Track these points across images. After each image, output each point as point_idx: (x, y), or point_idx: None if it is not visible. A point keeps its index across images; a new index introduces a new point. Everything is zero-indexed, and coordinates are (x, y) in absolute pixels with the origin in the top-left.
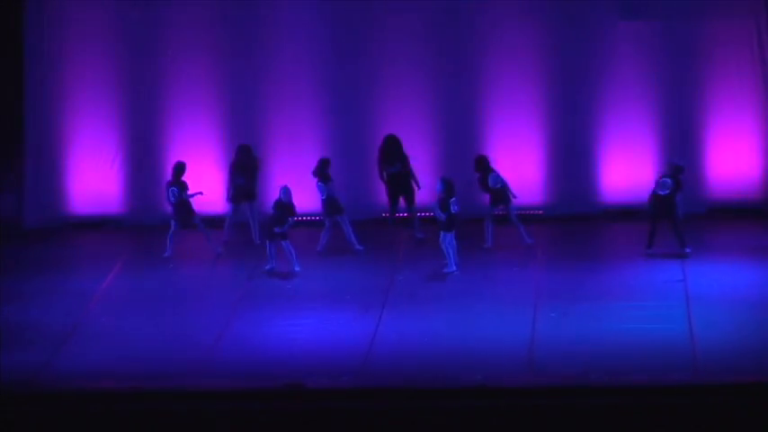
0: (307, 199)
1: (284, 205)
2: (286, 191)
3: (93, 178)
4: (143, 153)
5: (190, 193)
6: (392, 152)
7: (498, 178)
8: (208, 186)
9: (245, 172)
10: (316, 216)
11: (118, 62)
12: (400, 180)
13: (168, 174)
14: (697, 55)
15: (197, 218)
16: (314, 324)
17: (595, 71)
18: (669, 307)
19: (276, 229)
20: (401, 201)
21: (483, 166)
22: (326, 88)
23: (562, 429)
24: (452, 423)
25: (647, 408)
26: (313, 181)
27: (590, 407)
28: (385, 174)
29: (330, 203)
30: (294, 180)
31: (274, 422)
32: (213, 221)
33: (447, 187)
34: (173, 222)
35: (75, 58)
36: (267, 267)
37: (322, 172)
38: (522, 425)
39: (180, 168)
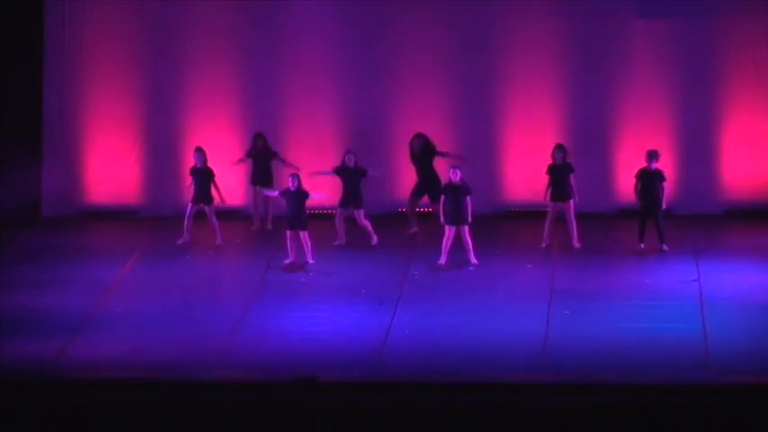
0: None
1: (301, 192)
2: (298, 177)
3: (110, 168)
4: (161, 144)
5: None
6: (415, 155)
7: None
8: (225, 178)
9: (263, 158)
10: (329, 209)
11: (137, 53)
12: (426, 178)
13: (185, 164)
14: (714, 53)
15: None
16: (328, 317)
17: (612, 68)
18: (683, 306)
19: (302, 217)
20: (426, 197)
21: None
22: (344, 81)
23: (574, 426)
24: (465, 418)
25: (660, 407)
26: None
27: (602, 405)
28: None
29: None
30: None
31: (287, 415)
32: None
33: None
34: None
35: (95, 48)
36: (288, 261)
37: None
38: (535, 421)
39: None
